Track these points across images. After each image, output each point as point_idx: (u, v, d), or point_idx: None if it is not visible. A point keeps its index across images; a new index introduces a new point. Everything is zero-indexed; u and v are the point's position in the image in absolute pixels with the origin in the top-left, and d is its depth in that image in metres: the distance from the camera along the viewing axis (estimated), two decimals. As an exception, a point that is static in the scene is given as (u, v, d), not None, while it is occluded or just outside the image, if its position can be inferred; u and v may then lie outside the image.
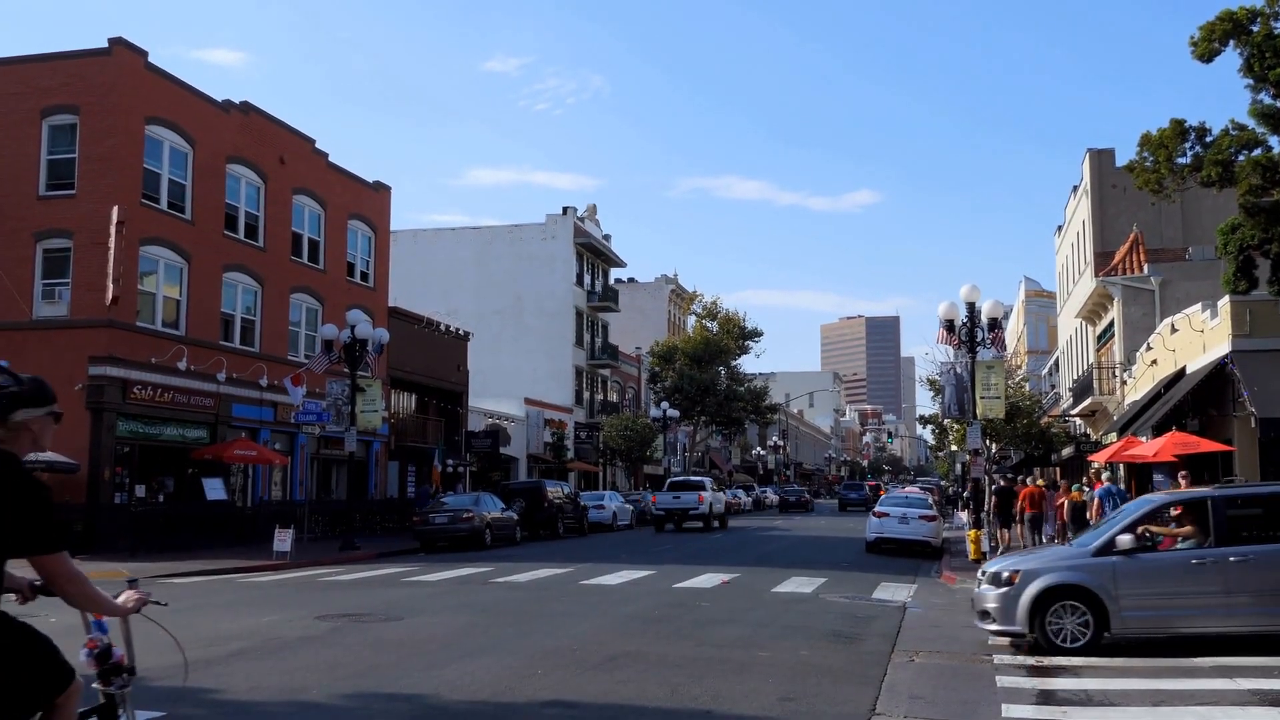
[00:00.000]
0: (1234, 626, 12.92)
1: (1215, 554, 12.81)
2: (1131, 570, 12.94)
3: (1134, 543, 13.06)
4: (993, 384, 27.52)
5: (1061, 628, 12.93)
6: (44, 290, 29.88)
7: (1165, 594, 12.86)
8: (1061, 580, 13.06)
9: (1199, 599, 12.81)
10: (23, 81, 30.22)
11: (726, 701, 9.91)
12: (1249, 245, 25.89)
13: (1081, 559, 13.34)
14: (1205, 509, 13.19)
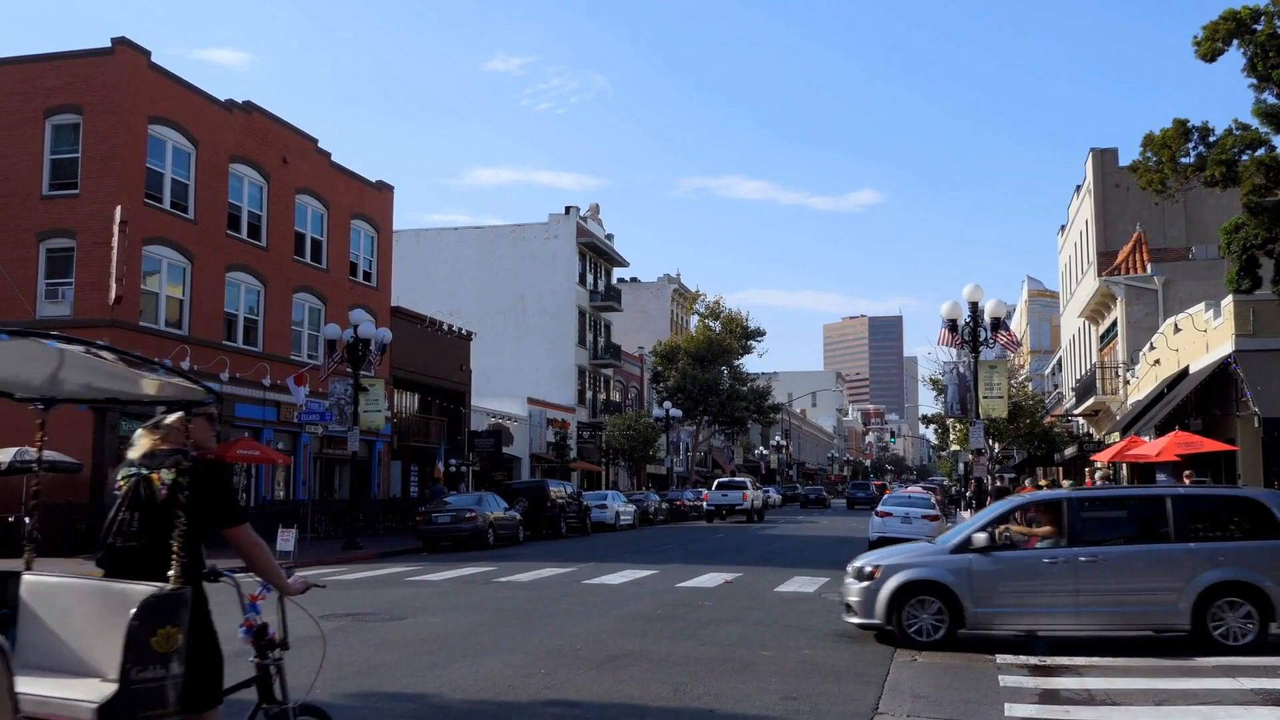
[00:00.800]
0: (1082, 626, 13.33)
1: (1066, 554, 13.12)
2: (986, 568, 13.27)
3: (988, 540, 13.39)
4: (995, 383, 27.56)
5: (917, 621, 13.29)
6: (47, 290, 29.91)
7: (1017, 592, 13.20)
8: (918, 576, 13.43)
9: (1050, 598, 13.12)
10: (26, 81, 30.26)
11: (729, 701, 9.92)
12: (1252, 245, 25.87)
13: (940, 555, 13.75)
14: (1061, 510, 13.50)
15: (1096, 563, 13.00)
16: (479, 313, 65.45)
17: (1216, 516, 13.61)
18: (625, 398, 77.20)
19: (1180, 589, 12.66)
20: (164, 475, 5.29)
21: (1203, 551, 12.92)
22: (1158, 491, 15.09)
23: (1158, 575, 12.92)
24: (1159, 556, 13.08)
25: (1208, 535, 13.28)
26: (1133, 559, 13.16)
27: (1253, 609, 12.49)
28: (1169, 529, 13.15)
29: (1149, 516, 13.55)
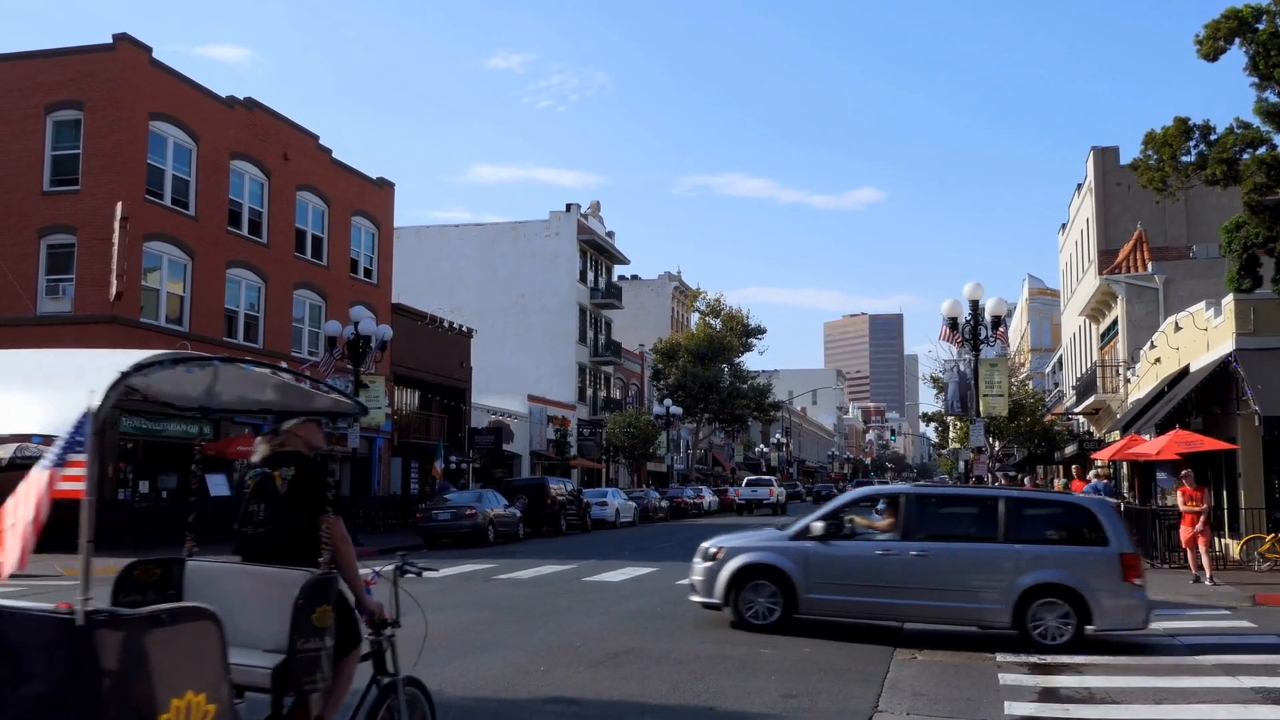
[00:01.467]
0: (911, 617, 14.00)
1: (899, 547, 13.60)
2: (823, 555, 13.85)
3: (824, 529, 13.92)
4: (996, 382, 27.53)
5: (754, 604, 13.93)
6: (48, 286, 29.90)
7: (850, 581, 13.71)
8: (756, 560, 14.06)
9: (880, 588, 13.59)
10: (27, 77, 30.25)
11: (728, 698, 9.92)
12: (1253, 243, 25.85)
13: (780, 542, 14.34)
14: (899, 504, 14.04)
15: (926, 557, 13.44)
16: (480, 310, 65.42)
17: (1046, 521, 13.94)
18: (626, 395, 77.17)
19: (1004, 588, 13.05)
20: (284, 472, 6.13)
21: (1028, 553, 13.22)
22: (992, 493, 15.42)
23: (984, 573, 13.31)
24: (986, 555, 13.47)
25: (1035, 538, 13.56)
26: (961, 556, 13.59)
27: (1070, 611, 12.85)
28: (999, 530, 13.52)
29: (982, 516, 13.88)
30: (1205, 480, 24.40)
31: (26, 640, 4.33)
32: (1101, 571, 13.02)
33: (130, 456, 30.13)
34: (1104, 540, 13.24)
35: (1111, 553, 13.13)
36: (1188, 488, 20.63)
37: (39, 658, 4.29)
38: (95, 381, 4.64)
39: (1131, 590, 13.03)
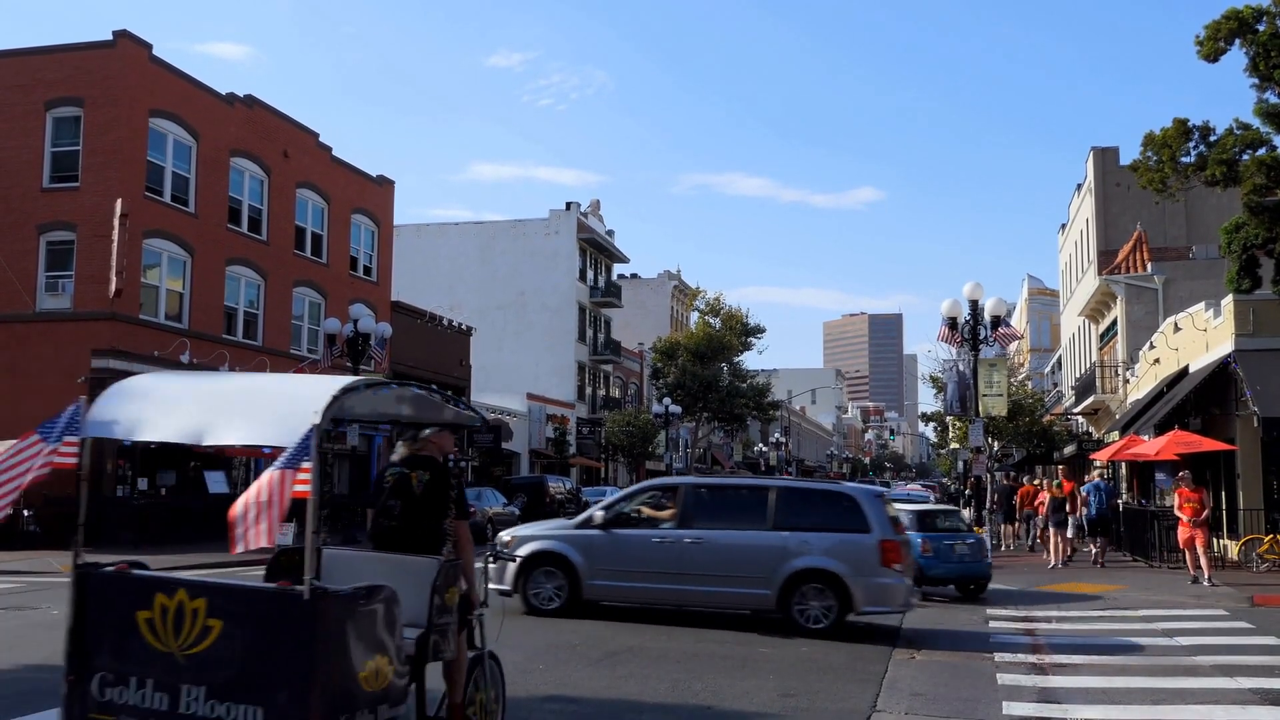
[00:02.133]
0: (687, 602, 14.62)
1: (675, 535, 14.37)
2: (605, 543, 14.59)
3: (605, 518, 14.71)
4: (995, 382, 27.56)
5: (540, 590, 14.66)
6: (47, 283, 29.88)
7: (631, 568, 14.43)
8: (543, 548, 14.79)
9: (659, 574, 14.30)
10: (27, 74, 30.22)
11: (727, 698, 9.92)
12: (1253, 244, 25.86)
13: (567, 530, 15.16)
14: (679, 494, 14.87)
15: (700, 544, 14.17)
16: (479, 308, 65.39)
17: (813, 509, 14.36)
18: (625, 394, 77.13)
19: (770, 573, 13.71)
20: (420, 475, 7.20)
21: (793, 540, 13.80)
22: (764, 482, 16.07)
23: (752, 560, 13.97)
24: (755, 542, 14.12)
25: (802, 526, 14.03)
26: (732, 543, 14.21)
27: (833, 596, 13.47)
28: (768, 518, 14.17)
29: (754, 505, 14.41)
30: (1204, 481, 24.42)
31: (269, 610, 5.54)
32: (862, 557, 13.58)
33: (129, 454, 30.09)
34: (866, 528, 13.81)
35: (872, 539, 13.69)
36: (1185, 489, 20.66)
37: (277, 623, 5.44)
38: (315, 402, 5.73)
39: (891, 574, 13.57)
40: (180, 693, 5.47)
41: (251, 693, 5.36)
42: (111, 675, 5.63)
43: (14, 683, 10.05)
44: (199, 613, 5.51)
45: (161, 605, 5.59)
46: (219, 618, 5.49)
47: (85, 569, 5.95)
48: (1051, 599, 18.39)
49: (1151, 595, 18.58)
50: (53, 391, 28.55)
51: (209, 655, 5.45)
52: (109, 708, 5.62)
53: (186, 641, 5.50)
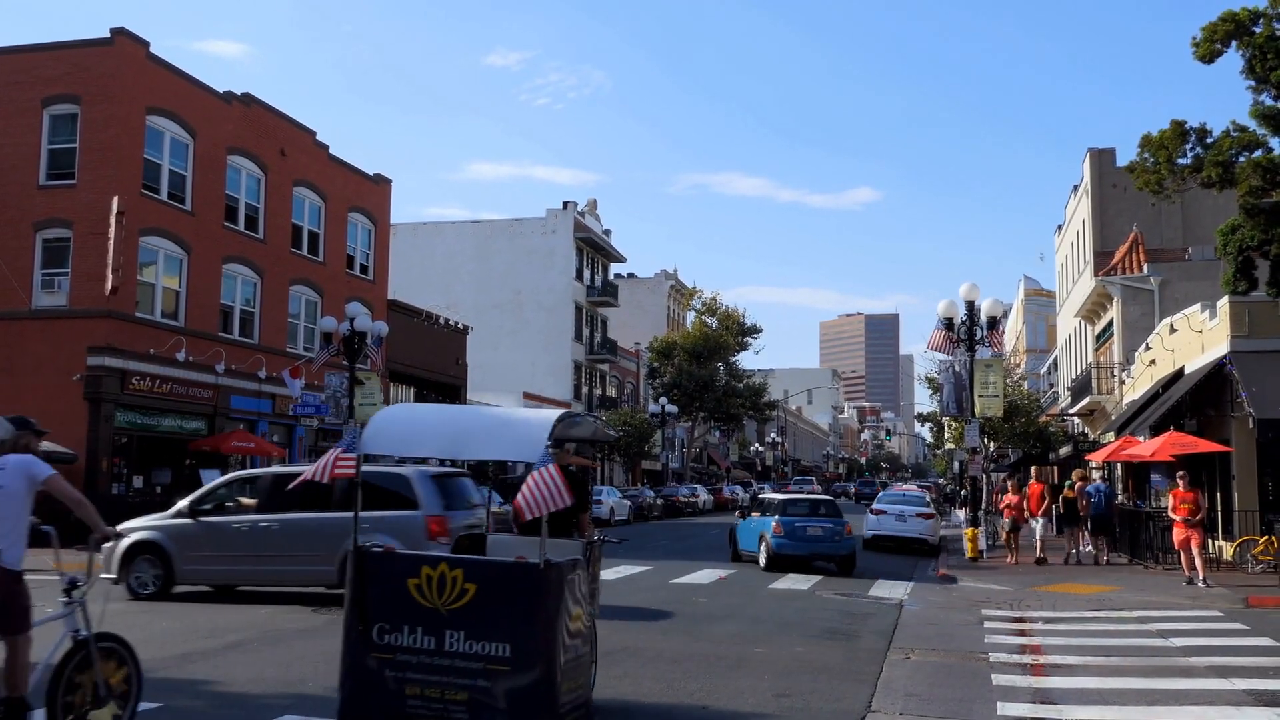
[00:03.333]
0: (266, 581, 15.89)
1: (251, 520, 15.80)
2: (194, 531, 15.97)
3: (190, 507, 16.19)
4: (991, 382, 27.56)
5: (141, 576, 15.95)
6: (43, 280, 29.84)
7: (216, 552, 15.85)
8: (141, 537, 16.05)
9: (240, 557, 15.75)
10: (24, 71, 30.17)
11: (722, 698, 9.93)
12: (1249, 246, 25.86)
13: (163, 520, 16.38)
14: (261, 483, 16.36)
15: (273, 529, 15.61)
16: (475, 307, 65.37)
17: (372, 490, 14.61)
18: (621, 393, 77.11)
19: (333, 551, 14.68)
20: None
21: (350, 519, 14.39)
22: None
23: (317, 540, 15.18)
24: (319, 524, 15.35)
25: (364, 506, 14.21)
26: (300, 526, 15.50)
27: None
28: (332, 500, 15.22)
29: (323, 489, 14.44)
30: (1199, 482, 24.44)
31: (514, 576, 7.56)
32: (411, 531, 14.72)
33: (124, 451, 30.08)
34: (415, 504, 15.21)
35: (419, 515, 15.06)
36: (1180, 489, 20.68)
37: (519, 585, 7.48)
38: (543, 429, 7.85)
39: (437, 546, 14.45)
40: (444, 636, 7.44)
41: (502, 633, 7.33)
42: (388, 625, 7.57)
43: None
44: (458, 579, 7.50)
45: (427, 574, 7.58)
46: (474, 582, 7.51)
47: (362, 550, 7.93)
48: (1046, 600, 18.40)
49: (1146, 596, 18.60)
50: (48, 389, 28.57)
51: (467, 608, 7.42)
52: (387, 649, 7.57)
53: (449, 599, 7.48)
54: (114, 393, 28.91)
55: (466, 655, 7.40)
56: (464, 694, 7.33)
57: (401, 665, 7.52)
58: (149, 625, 13.29)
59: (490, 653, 7.35)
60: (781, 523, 23.51)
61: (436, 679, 7.43)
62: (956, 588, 20.65)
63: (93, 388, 28.50)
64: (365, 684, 7.65)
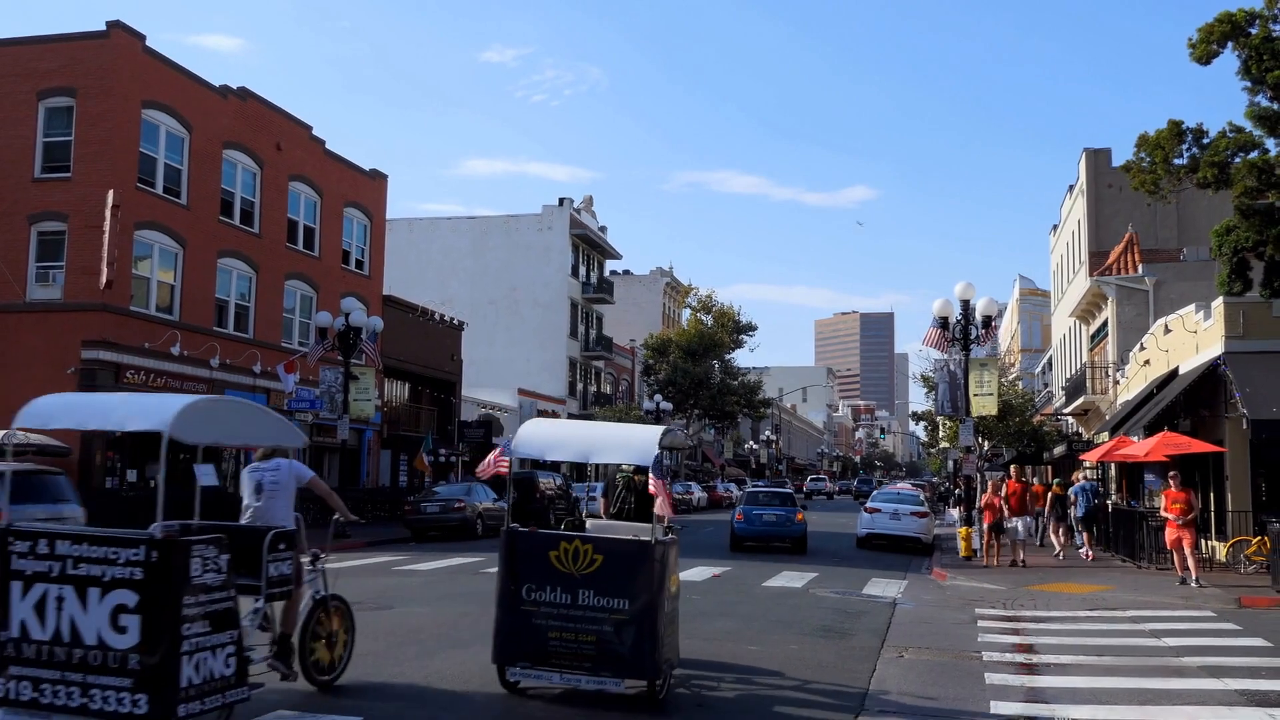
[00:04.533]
0: None
1: None
2: None
3: None
4: (986, 382, 27.56)
5: None
6: (38, 273, 29.79)
7: None
8: None
9: None
10: (19, 63, 30.11)
11: (715, 696, 9.93)
12: (1243, 247, 25.91)
13: None
14: None
15: None
16: (471, 303, 65.36)
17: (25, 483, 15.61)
18: (616, 390, 77.12)
19: None
20: (641, 478, 11.61)
21: None
22: None
23: None
24: None
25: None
26: None
27: None
28: None
29: None
30: (1193, 483, 24.47)
31: (632, 550, 9.43)
32: None
33: (119, 445, 30.04)
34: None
35: None
36: (1173, 490, 20.70)
37: (636, 557, 9.37)
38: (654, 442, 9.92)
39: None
40: (578, 593, 9.32)
41: (623, 592, 9.25)
42: (534, 585, 9.45)
43: None
44: (588, 551, 9.41)
45: (565, 548, 9.47)
46: (601, 554, 9.40)
47: (511, 530, 9.91)
48: (1040, 599, 18.43)
49: (1139, 596, 18.63)
50: (42, 382, 28.47)
51: (596, 573, 9.33)
52: (532, 602, 9.44)
53: (581, 566, 9.37)
54: (108, 386, 28.86)
55: (594, 608, 9.30)
56: (592, 636, 9.28)
57: (545, 615, 9.41)
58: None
59: (613, 606, 9.27)
60: (743, 511, 29.73)
61: (571, 625, 9.34)
62: (950, 586, 20.68)
63: (87, 381, 28.47)
64: (517, 629, 9.52)
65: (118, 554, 7.28)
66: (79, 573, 7.34)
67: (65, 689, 7.26)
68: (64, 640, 7.30)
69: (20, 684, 7.40)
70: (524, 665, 9.55)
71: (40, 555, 7.48)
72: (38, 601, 7.42)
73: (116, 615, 7.20)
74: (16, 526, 7.73)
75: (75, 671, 7.23)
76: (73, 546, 7.43)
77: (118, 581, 7.24)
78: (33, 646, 7.38)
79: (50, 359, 28.55)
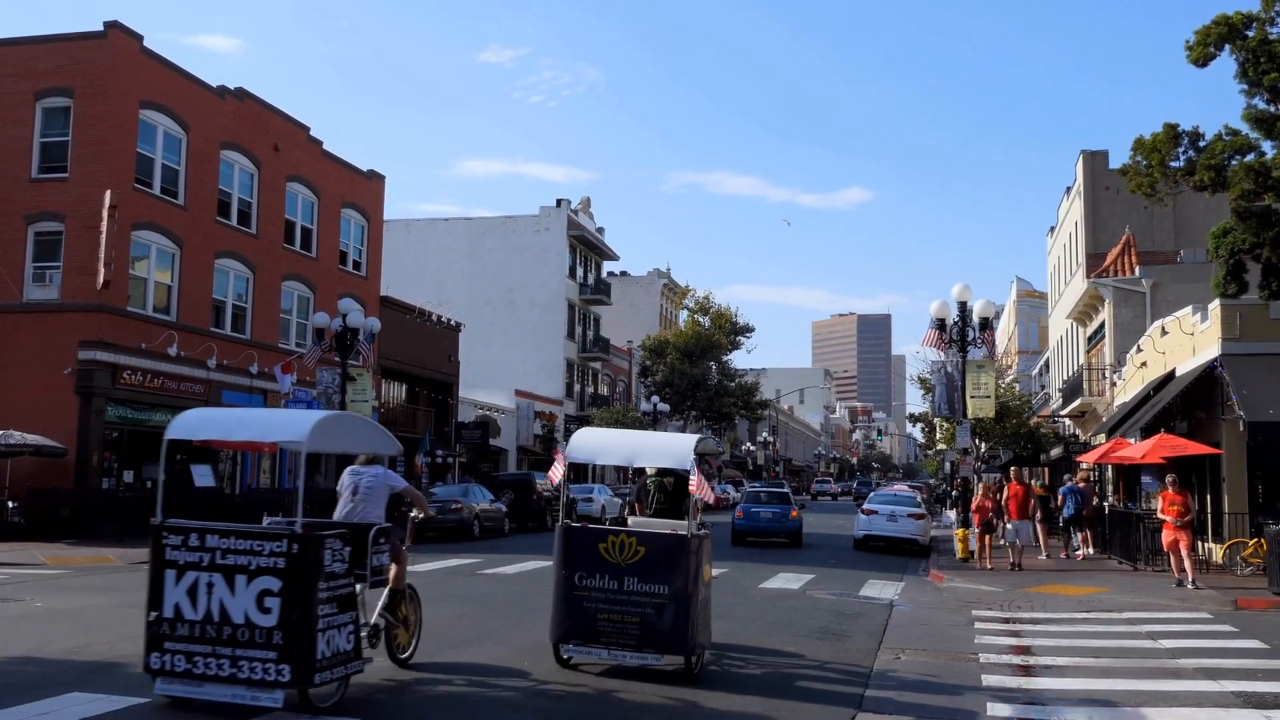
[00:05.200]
0: None
1: None
2: None
3: None
4: (983, 383, 27.57)
5: None
6: (35, 273, 29.76)
7: None
8: None
9: None
10: (17, 63, 30.08)
11: (712, 696, 9.94)
12: (1240, 249, 25.94)
13: None
14: None
15: None
16: (468, 304, 65.31)
17: None
18: (613, 391, 77.09)
19: None
20: (669, 481, 12.53)
21: None
22: None
23: None
24: None
25: None
26: None
27: None
28: None
29: None
30: (1189, 484, 24.50)
31: (671, 543, 10.49)
32: None
33: (114, 446, 30.02)
34: None
35: None
36: (1170, 492, 20.72)
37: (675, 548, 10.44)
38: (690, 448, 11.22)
39: None
40: (623, 580, 10.44)
41: (663, 579, 10.36)
42: (584, 571, 10.55)
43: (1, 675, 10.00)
44: (633, 544, 10.54)
45: (612, 540, 10.63)
46: (644, 546, 10.51)
47: (566, 525, 10.88)
48: (1036, 601, 18.44)
49: (1136, 598, 18.64)
50: (39, 382, 28.51)
51: (639, 562, 10.43)
52: (584, 588, 10.54)
53: (626, 557, 10.48)
54: (105, 387, 28.86)
55: (638, 593, 10.42)
56: (636, 618, 10.42)
57: (594, 599, 10.53)
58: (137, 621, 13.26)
59: (654, 591, 10.39)
60: (743, 509, 32.53)
61: (618, 608, 10.46)
62: (947, 588, 20.68)
63: (84, 382, 28.44)
64: (570, 612, 10.65)
65: (263, 546, 8.48)
66: (227, 562, 8.50)
67: (216, 661, 8.44)
68: (214, 620, 8.46)
69: (175, 657, 8.54)
70: (576, 643, 10.72)
71: (191, 547, 8.63)
72: (190, 587, 8.56)
73: (262, 598, 8.39)
74: (170, 522, 8.80)
75: (225, 646, 8.41)
76: (220, 540, 8.59)
77: (263, 570, 8.44)
78: (186, 625, 8.52)
79: (47, 359, 28.53)
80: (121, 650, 11.09)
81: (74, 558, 22.85)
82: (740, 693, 10.27)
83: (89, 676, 9.92)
